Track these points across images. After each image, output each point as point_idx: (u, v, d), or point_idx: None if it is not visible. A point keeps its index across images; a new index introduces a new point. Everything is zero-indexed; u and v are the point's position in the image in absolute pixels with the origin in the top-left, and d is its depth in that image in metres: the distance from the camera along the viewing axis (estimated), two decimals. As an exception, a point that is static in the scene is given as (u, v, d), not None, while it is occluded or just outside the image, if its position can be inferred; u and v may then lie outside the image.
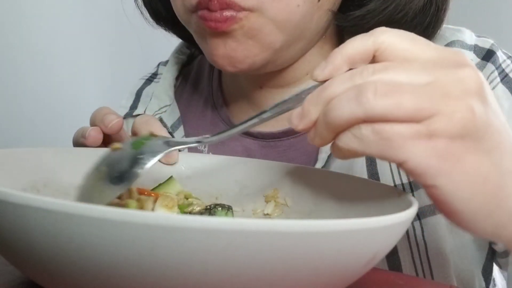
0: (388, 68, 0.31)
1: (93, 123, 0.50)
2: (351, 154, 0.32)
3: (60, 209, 0.23)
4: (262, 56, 0.51)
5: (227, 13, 0.47)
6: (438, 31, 0.55)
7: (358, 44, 0.33)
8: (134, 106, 0.70)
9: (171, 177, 0.49)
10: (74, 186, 0.44)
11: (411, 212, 0.30)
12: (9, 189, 0.24)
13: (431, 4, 0.52)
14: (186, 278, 0.24)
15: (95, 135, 0.48)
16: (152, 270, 0.24)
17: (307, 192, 0.46)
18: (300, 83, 0.59)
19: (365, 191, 0.42)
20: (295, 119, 0.33)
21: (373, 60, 0.33)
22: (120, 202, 0.41)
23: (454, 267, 0.53)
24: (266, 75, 0.57)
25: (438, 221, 0.52)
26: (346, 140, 0.31)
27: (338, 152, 0.33)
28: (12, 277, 0.35)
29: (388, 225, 0.27)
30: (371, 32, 0.33)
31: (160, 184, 0.48)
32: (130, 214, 0.23)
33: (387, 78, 0.30)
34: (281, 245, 0.24)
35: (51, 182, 0.43)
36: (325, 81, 0.33)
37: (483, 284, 0.55)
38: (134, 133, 0.52)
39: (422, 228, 0.52)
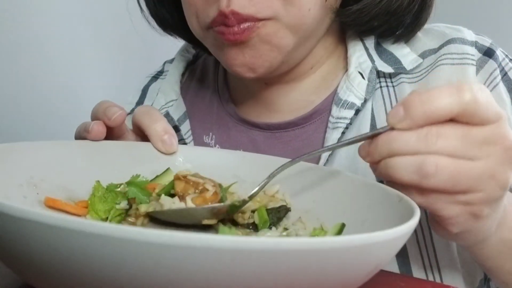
0: (450, 139, 0.35)
1: (95, 117, 0.49)
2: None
3: (61, 224, 0.23)
4: (278, 58, 0.53)
5: (245, 25, 0.50)
6: (428, 17, 0.58)
7: (443, 105, 0.35)
8: (140, 101, 0.72)
9: (168, 168, 0.49)
10: (73, 180, 0.44)
11: (412, 223, 0.30)
12: (11, 203, 0.24)
13: None
14: (189, 295, 0.24)
15: (99, 128, 0.47)
16: (154, 287, 0.24)
17: (307, 189, 0.46)
18: (304, 77, 0.61)
19: (365, 192, 0.42)
20: (362, 153, 0.39)
21: None
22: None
23: (460, 257, 0.54)
24: None
25: None
26: (397, 187, 0.38)
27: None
28: (11, 280, 0.35)
29: (390, 239, 0.27)
30: (459, 89, 0.35)
31: (157, 176, 0.48)
32: (132, 231, 0.22)
33: (448, 150, 0.35)
34: (284, 263, 0.24)
35: (49, 177, 0.42)
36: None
37: (482, 275, 0.56)
38: (135, 124, 0.51)
39: (426, 214, 0.53)
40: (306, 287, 0.26)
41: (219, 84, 0.69)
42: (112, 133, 0.50)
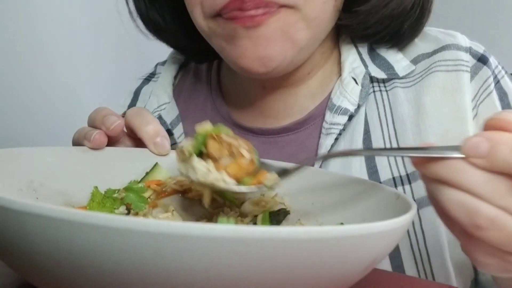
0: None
1: (92, 124, 0.49)
2: None
3: (61, 216, 0.23)
4: (290, 53, 0.52)
5: (264, 9, 0.48)
6: (427, 21, 0.58)
7: None
8: (132, 104, 0.71)
9: (156, 163, 0.49)
10: (72, 186, 0.44)
11: (409, 216, 0.30)
12: (9, 196, 0.24)
13: None
14: (189, 285, 0.24)
15: (100, 138, 0.47)
16: (154, 278, 0.24)
17: (305, 191, 0.47)
18: (301, 83, 0.61)
19: (363, 192, 0.42)
20: (416, 160, 0.34)
21: None
22: None
23: (452, 258, 0.54)
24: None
25: (435, 212, 0.53)
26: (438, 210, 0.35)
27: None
28: (11, 279, 0.35)
29: (387, 230, 0.28)
30: None
31: (147, 173, 0.49)
32: (132, 221, 0.23)
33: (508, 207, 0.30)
34: (282, 252, 0.24)
35: (48, 182, 0.43)
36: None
37: (473, 276, 0.56)
38: (127, 127, 0.52)
39: (420, 218, 0.53)
40: (305, 279, 0.26)
41: (212, 87, 0.68)
42: (109, 139, 0.50)
